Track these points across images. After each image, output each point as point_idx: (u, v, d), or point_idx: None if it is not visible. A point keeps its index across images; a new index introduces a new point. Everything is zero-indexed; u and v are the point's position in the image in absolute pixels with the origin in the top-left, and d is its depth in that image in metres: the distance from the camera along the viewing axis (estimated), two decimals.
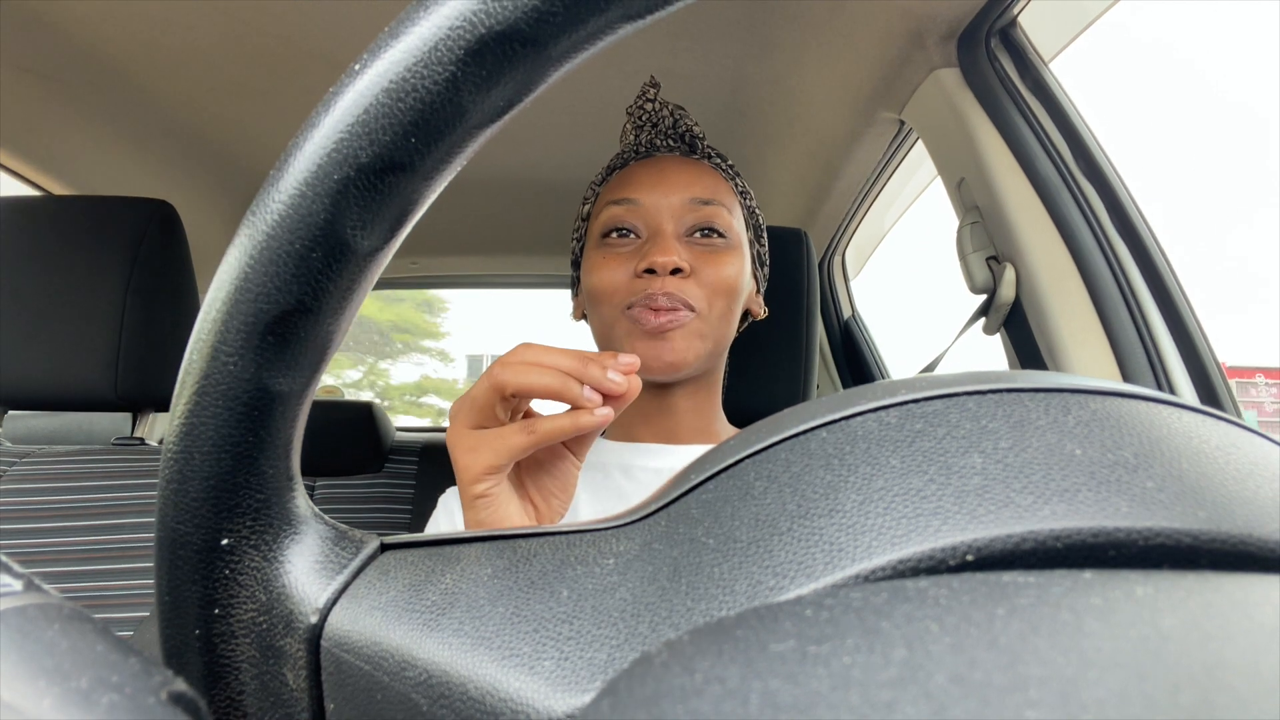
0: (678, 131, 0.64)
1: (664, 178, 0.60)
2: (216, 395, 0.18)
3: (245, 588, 0.19)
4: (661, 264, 0.55)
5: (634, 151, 0.65)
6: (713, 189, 0.61)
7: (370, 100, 0.16)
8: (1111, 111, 25.23)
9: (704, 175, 0.61)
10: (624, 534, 0.19)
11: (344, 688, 0.18)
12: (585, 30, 0.16)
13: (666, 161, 0.62)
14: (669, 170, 0.61)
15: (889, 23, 0.89)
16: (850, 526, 0.15)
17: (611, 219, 0.60)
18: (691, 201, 0.59)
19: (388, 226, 0.17)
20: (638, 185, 0.60)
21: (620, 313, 0.58)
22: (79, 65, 1.02)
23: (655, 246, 0.57)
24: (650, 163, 0.62)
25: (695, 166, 0.62)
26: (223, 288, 0.17)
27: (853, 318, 1.59)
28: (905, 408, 0.18)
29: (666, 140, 0.65)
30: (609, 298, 0.59)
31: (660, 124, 0.65)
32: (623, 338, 0.58)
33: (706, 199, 0.60)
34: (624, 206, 0.60)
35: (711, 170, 0.63)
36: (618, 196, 0.60)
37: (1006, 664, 0.10)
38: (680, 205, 0.59)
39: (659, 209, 0.59)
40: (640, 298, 0.56)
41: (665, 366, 0.57)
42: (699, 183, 0.60)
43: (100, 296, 0.82)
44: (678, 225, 0.59)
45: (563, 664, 0.16)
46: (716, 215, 0.60)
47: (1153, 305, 0.74)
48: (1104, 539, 0.14)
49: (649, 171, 0.61)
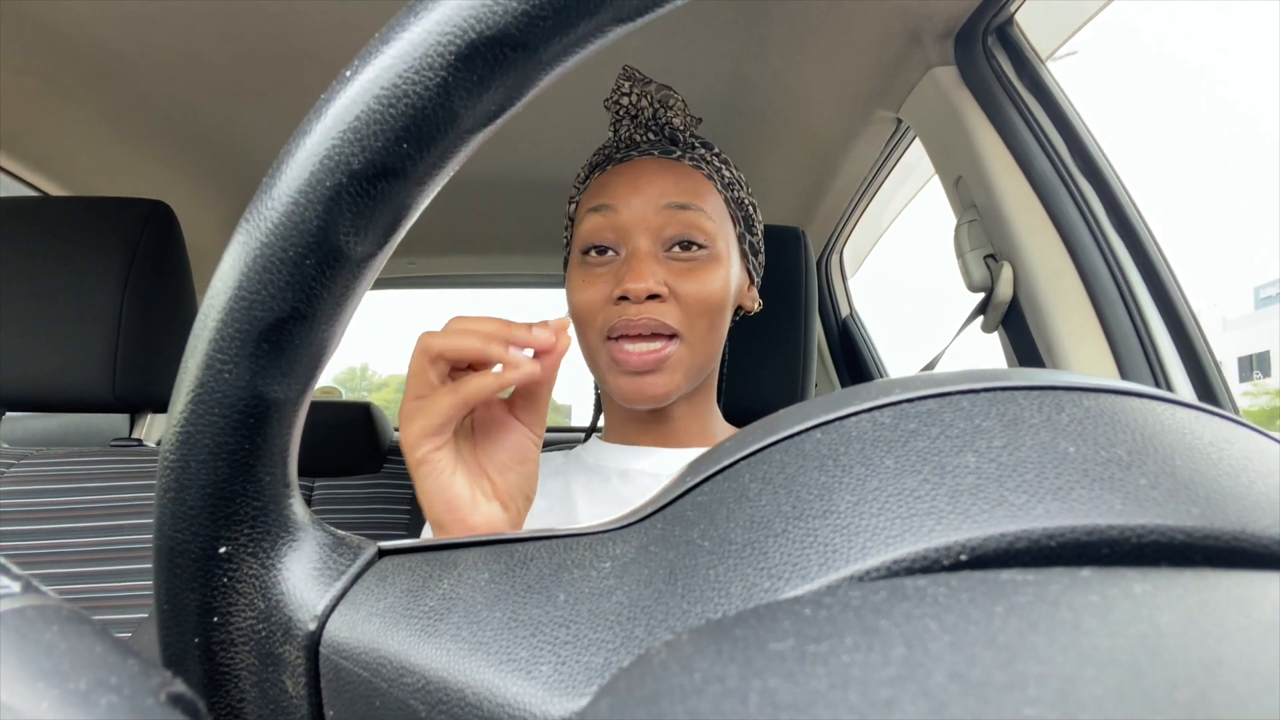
0: (658, 124, 0.63)
1: (639, 185, 0.59)
2: (212, 403, 0.18)
3: (244, 595, 0.19)
4: (635, 291, 0.55)
5: (614, 149, 0.63)
6: (692, 191, 0.59)
7: (362, 107, 0.16)
8: (1109, 108, 25.36)
9: (682, 178, 0.60)
10: (620, 537, 0.19)
11: (343, 694, 0.18)
12: (576, 34, 0.16)
13: (643, 166, 0.60)
14: (645, 176, 0.59)
15: (886, 21, 0.89)
16: (845, 527, 0.15)
17: (591, 232, 0.59)
18: (668, 206, 0.58)
19: (381, 232, 0.17)
20: (614, 193, 0.59)
21: (601, 342, 0.58)
22: (75, 66, 1.02)
23: (630, 270, 0.56)
24: (628, 167, 0.61)
25: (673, 169, 0.60)
26: (217, 295, 0.17)
27: (851, 316, 1.59)
28: (899, 407, 0.18)
29: (646, 135, 0.63)
30: (589, 321, 0.59)
31: (639, 116, 0.63)
32: (606, 370, 0.59)
33: (684, 203, 0.58)
34: (602, 214, 0.59)
35: (691, 170, 0.61)
36: (595, 203, 0.60)
37: (1005, 662, 0.10)
38: (656, 214, 0.58)
39: (634, 222, 0.58)
40: (619, 325, 0.56)
41: (648, 400, 0.57)
42: (675, 187, 0.59)
43: (97, 297, 0.82)
44: (654, 239, 0.58)
45: (560, 668, 0.16)
46: (695, 222, 0.58)
47: (1149, 302, 0.74)
48: (1098, 537, 0.14)
49: (625, 178, 0.60)
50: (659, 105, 0.63)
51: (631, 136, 0.63)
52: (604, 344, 0.58)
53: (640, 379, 0.57)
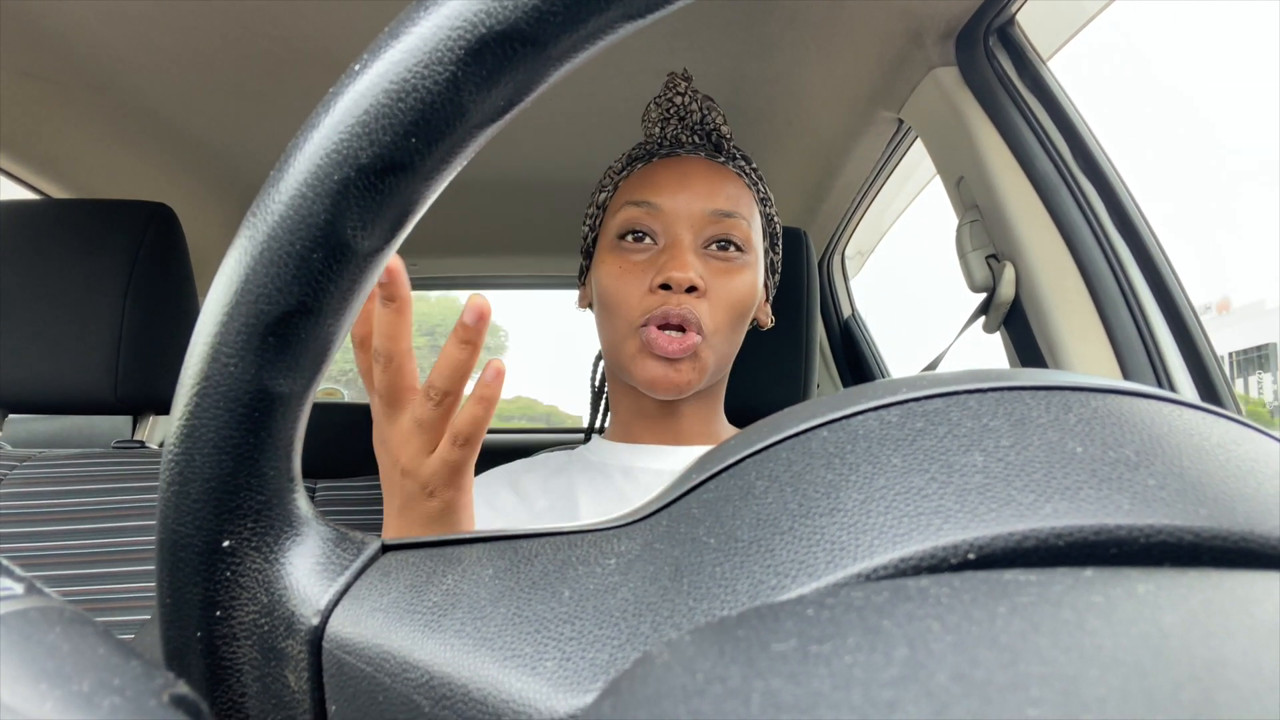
0: (704, 129, 0.63)
1: (687, 183, 0.59)
2: (217, 397, 0.18)
3: (247, 589, 0.19)
4: (678, 280, 0.55)
5: (658, 145, 0.63)
6: (735, 200, 0.60)
7: (371, 101, 0.16)
8: (1110, 108, 25.26)
9: (727, 183, 0.60)
10: (625, 534, 0.19)
11: (346, 689, 0.18)
12: (586, 29, 0.16)
13: (690, 164, 0.60)
14: (692, 175, 0.59)
15: (887, 22, 0.89)
16: (852, 525, 0.15)
17: (629, 220, 0.59)
18: (713, 213, 0.58)
19: (388, 227, 0.17)
20: (659, 188, 0.59)
21: (633, 331, 0.58)
22: (78, 68, 1.02)
23: (672, 260, 0.56)
24: (673, 164, 0.61)
25: (719, 173, 0.60)
26: (223, 289, 0.17)
27: (852, 317, 1.59)
28: (906, 406, 0.18)
29: (692, 137, 0.63)
30: (622, 311, 0.58)
31: (688, 118, 0.63)
32: (632, 356, 0.58)
33: (728, 211, 0.59)
34: (643, 209, 0.59)
35: (735, 177, 0.61)
36: (638, 198, 0.59)
37: (1008, 662, 0.10)
38: (701, 215, 0.58)
39: (678, 217, 0.58)
40: (655, 315, 0.56)
41: (672, 389, 0.57)
42: (721, 192, 0.59)
43: (99, 300, 0.82)
44: (696, 236, 0.58)
45: (565, 664, 0.16)
46: (736, 228, 0.59)
47: (1152, 302, 0.74)
48: (1106, 537, 0.14)
49: (672, 174, 0.60)
50: (705, 111, 0.63)
51: (678, 136, 0.64)
52: (636, 331, 0.58)
53: (671, 366, 0.57)
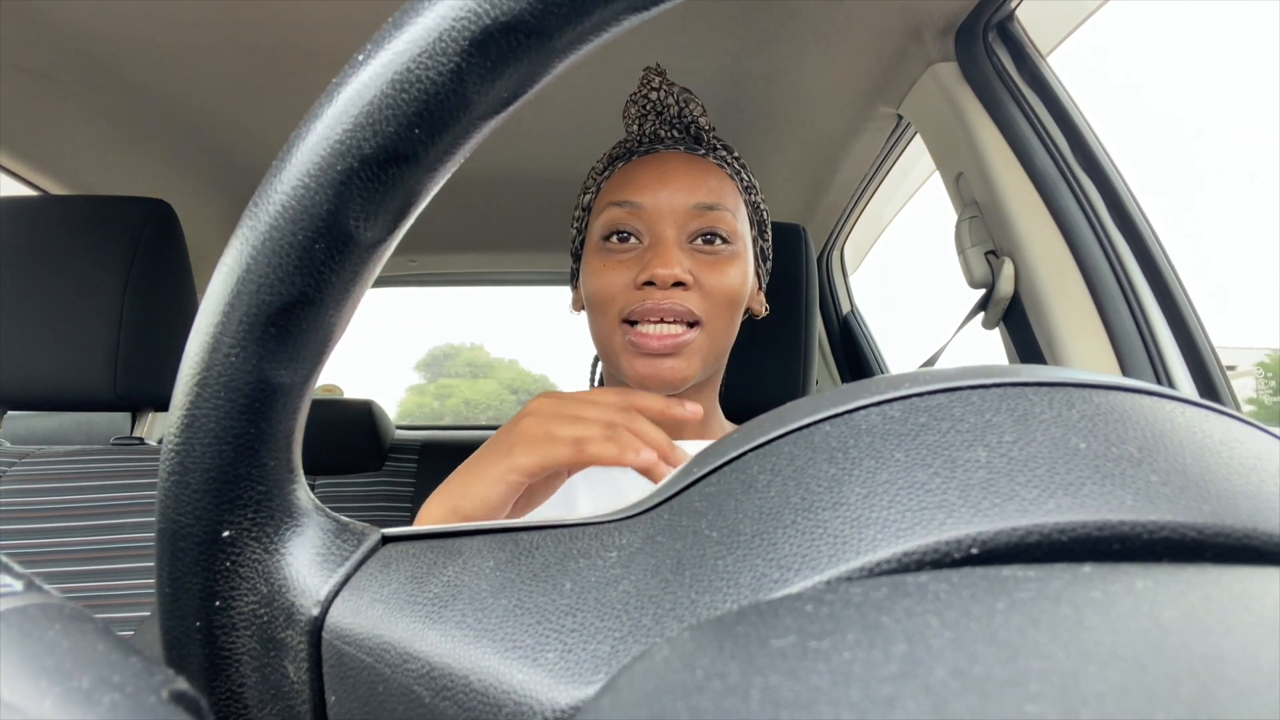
0: (683, 122, 0.63)
1: (667, 179, 0.59)
2: (218, 387, 0.18)
3: (246, 580, 0.19)
4: (662, 277, 0.55)
5: (637, 142, 0.63)
6: (717, 192, 0.59)
7: (374, 91, 0.16)
8: (1109, 104, 25.24)
9: (709, 176, 0.60)
10: (627, 527, 0.19)
11: (345, 680, 0.18)
12: (590, 21, 0.16)
13: (670, 160, 0.60)
14: (672, 171, 0.59)
15: (886, 17, 0.88)
16: (854, 519, 0.15)
17: (612, 221, 0.59)
18: (695, 207, 0.58)
19: (391, 218, 0.17)
20: (640, 187, 0.59)
21: (618, 325, 0.58)
22: (76, 64, 1.02)
23: (657, 257, 0.56)
24: (654, 160, 0.61)
25: (700, 166, 0.60)
26: (224, 279, 0.17)
27: (851, 313, 1.59)
28: (909, 401, 0.18)
29: (671, 132, 0.63)
30: (607, 306, 0.58)
31: (665, 113, 0.63)
32: (620, 353, 0.58)
33: (711, 204, 0.58)
34: (625, 209, 0.59)
35: (716, 169, 0.61)
36: (619, 198, 0.59)
37: (1007, 658, 0.10)
38: (684, 210, 0.58)
39: (661, 214, 0.58)
40: (640, 309, 0.56)
41: (666, 384, 0.57)
42: (703, 185, 0.59)
43: (98, 296, 0.82)
44: (680, 231, 0.58)
45: (566, 656, 0.16)
46: (720, 220, 0.59)
47: (1151, 298, 0.74)
48: (1109, 532, 0.14)
49: (652, 171, 0.60)
50: (683, 104, 0.63)
51: (656, 132, 0.63)
52: (619, 327, 0.58)
53: (657, 362, 0.57)
